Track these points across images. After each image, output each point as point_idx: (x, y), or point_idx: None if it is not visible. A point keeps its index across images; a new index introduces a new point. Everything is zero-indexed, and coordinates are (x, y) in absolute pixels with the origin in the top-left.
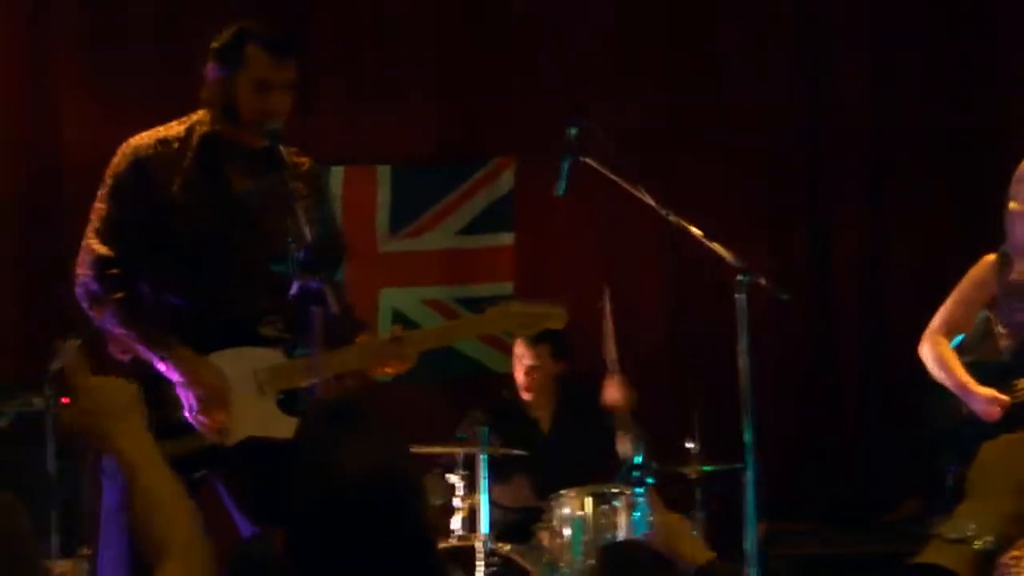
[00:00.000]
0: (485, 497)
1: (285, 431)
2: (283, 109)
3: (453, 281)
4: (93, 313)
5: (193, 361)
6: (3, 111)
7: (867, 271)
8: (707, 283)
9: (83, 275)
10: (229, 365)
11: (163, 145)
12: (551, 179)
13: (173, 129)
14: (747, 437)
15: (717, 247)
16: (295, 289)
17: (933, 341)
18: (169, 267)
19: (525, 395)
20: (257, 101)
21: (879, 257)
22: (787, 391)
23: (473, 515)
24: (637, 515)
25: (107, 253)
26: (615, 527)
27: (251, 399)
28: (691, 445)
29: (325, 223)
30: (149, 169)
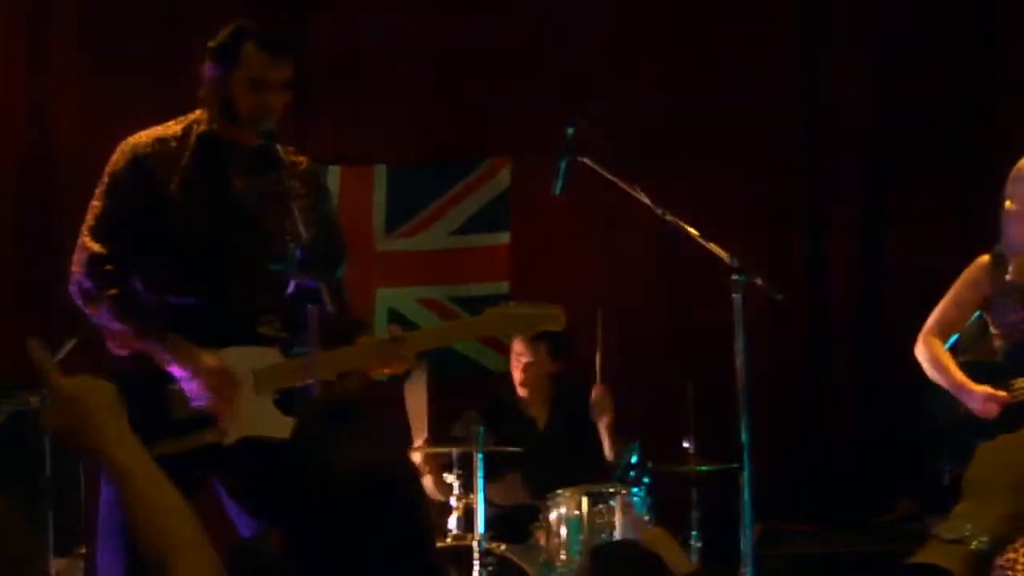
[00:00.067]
0: (481, 497)
1: (282, 431)
2: (278, 107)
3: (449, 280)
4: (88, 310)
5: (191, 351)
6: (2, 111)
7: (865, 271)
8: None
9: (77, 272)
10: (227, 364)
11: (161, 144)
12: (547, 178)
13: (171, 128)
14: (744, 437)
15: (713, 247)
16: (292, 288)
17: (927, 342)
18: (167, 266)
19: (521, 391)
20: (253, 99)
21: (877, 257)
22: (784, 391)
23: (469, 514)
24: (633, 515)
25: (101, 251)
26: (611, 527)
27: (249, 398)
28: (687, 445)
29: (323, 222)
30: (147, 168)
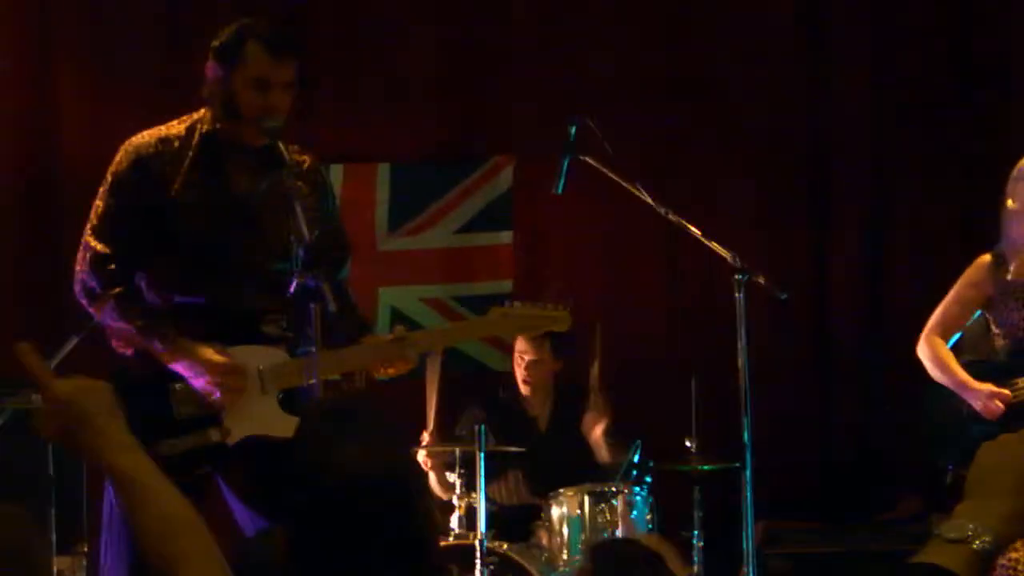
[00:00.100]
0: (483, 496)
1: (286, 430)
2: (282, 107)
3: (452, 279)
4: (92, 310)
5: (194, 347)
6: (4, 111)
7: (867, 271)
8: (706, 282)
9: (81, 272)
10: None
11: (164, 144)
12: (550, 177)
13: (174, 128)
14: (746, 436)
15: (715, 246)
16: (294, 287)
17: (930, 341)
18: (170, 265)
19: (524, 389)
20: (256, 99)
21: (879, 257)
22: (786, 390)
23: (471, 513)
24: (635, 514)
25: (104, 250)
26: (613, 526)
27: (254, 397)
28: (690, 444)
29: (327, 221)
30: (150, 168)
